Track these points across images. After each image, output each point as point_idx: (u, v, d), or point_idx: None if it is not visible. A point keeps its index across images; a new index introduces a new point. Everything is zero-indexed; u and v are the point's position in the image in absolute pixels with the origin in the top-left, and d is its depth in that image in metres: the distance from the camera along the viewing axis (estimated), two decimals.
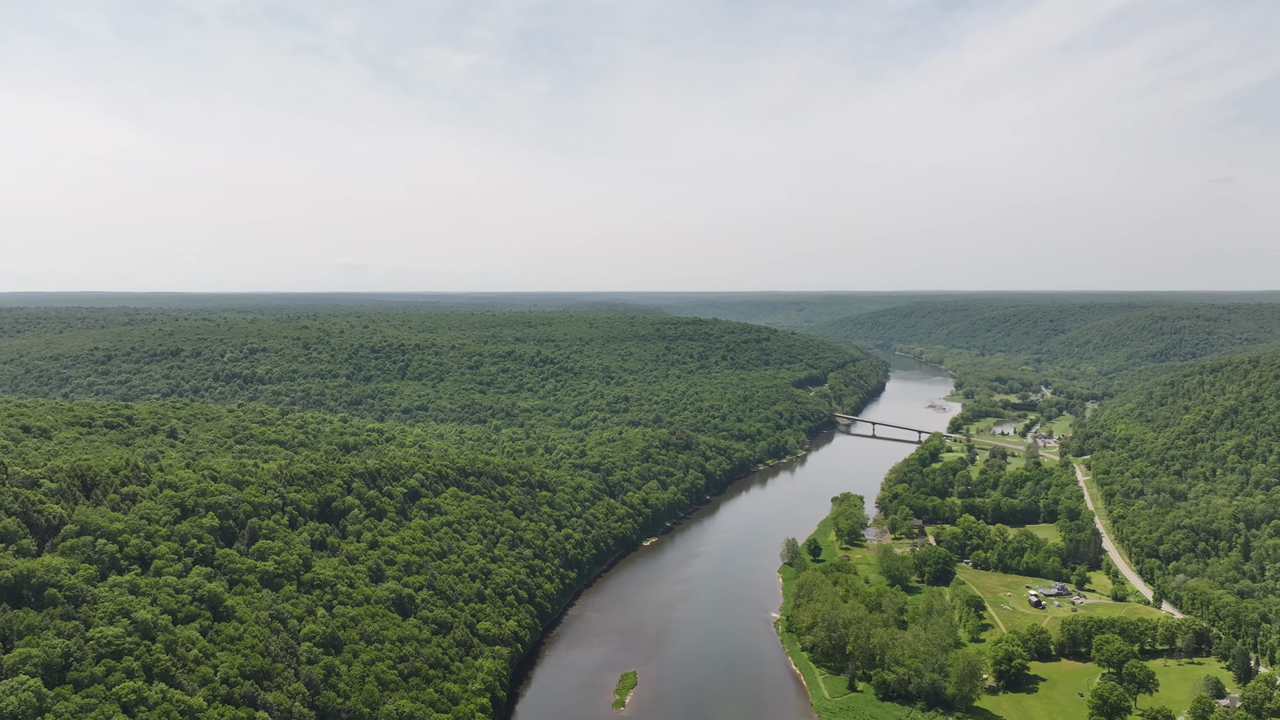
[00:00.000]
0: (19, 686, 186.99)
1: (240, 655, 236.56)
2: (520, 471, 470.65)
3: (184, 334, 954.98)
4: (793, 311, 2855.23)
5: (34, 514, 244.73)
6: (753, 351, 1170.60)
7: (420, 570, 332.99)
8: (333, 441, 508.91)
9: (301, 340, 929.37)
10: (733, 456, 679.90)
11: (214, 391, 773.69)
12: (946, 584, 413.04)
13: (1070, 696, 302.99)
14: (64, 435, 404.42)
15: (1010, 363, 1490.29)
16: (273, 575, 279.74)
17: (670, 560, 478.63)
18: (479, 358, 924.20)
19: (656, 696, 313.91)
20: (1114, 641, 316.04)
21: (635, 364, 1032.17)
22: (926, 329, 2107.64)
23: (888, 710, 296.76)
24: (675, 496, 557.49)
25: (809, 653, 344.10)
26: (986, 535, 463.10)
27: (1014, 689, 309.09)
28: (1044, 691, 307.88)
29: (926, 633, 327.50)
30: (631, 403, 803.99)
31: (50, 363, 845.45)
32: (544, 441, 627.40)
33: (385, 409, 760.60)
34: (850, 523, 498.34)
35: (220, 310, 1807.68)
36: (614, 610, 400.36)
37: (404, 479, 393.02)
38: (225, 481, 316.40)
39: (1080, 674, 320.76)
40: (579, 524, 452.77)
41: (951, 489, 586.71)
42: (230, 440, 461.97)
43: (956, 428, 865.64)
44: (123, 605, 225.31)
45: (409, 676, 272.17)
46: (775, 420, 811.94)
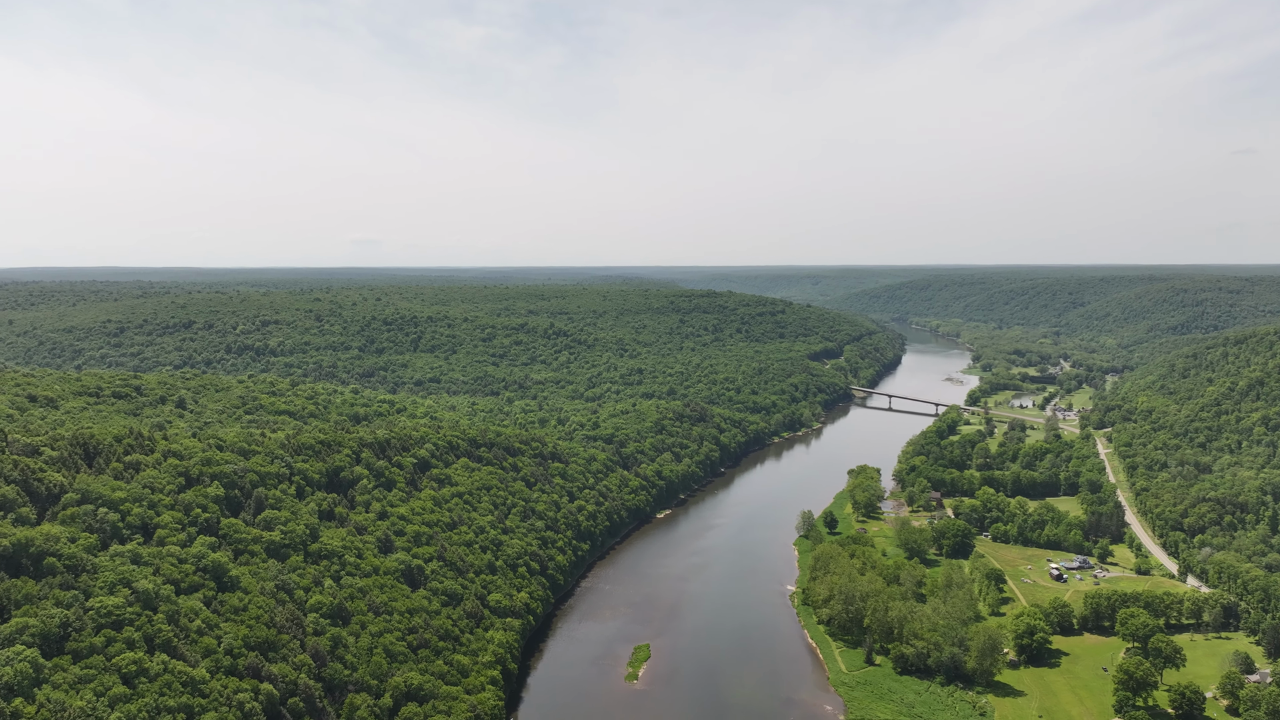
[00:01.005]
0: (15, 657, 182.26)
1: (245, 626, 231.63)
2: (532, 443, 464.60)
3: (196, 306, 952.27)
4: (808, 285, 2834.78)
5: (34, 482, 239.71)
6: (768, 324, 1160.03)
7: (430, 541, 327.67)
8: (343, 412, 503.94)
9: (314, 313, 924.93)
10: (747, 429, 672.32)
11: (226, 364, 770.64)
12: (965, 557, 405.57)
13: (1094, 671, 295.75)
14: (71, 405, 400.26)
15: (1028, 336, 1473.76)
16: (279, 545, 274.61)
17: (684, 532, 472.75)
18: (492, 330, 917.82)
19: (670, 669, 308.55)
20: (1139, 615, 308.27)
21: (649, 336, 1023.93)
22: (943, 303, 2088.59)
23: (906, 684, 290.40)
24: (689, 469, 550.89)
25: (825, 626, 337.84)
26: (1006, 508, 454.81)
27: (1035, 663, 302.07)
28: (1066, 666, 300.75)
29: (946, 606, 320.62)
30: (645, 375, 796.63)
31: (63, 335, 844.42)
32: (557, 413, 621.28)
33: (398, 381, 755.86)
34: (867, 495, 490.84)
35: (234, 285, 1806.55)
36: (627, 582, 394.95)
37: (414, 449, 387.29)
38: (231, 451, 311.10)
39: (1104, 648, 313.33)
40: (592, 496, 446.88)
41: (970, 461, 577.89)
42: (239, 411, 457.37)
43: (974, 400, 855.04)
44: (124, 575, 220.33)
45: (418, 648, 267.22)
46: (790, 393, 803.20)
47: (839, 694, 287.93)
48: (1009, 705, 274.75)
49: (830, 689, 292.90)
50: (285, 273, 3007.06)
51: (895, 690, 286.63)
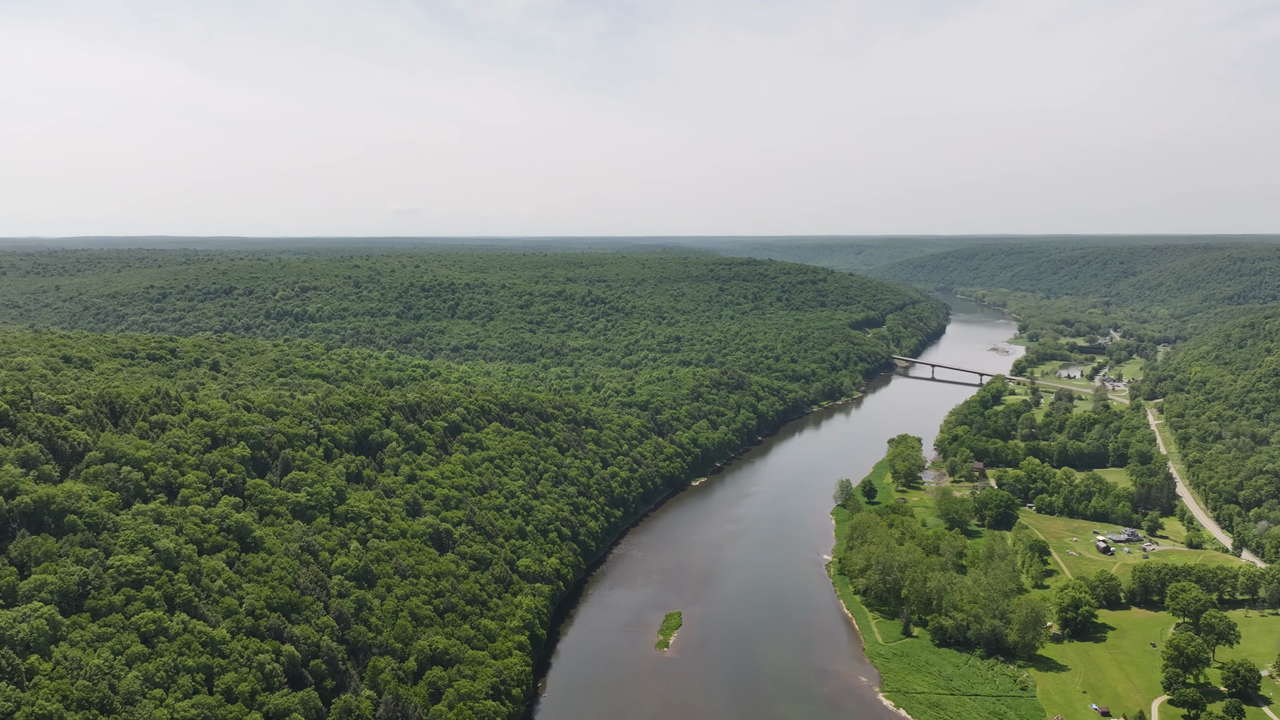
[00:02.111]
0: (31, 614, 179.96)
1: (267, 587, 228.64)
2: (566, 408, 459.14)
3: (237, 272, 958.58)
4: (851, 255, 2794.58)
5: (58, 440, 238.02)
6: (808, 292, 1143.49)
7: (459, 505, 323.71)
8: (377, 377, 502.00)
9: (353, 279, 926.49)
10: (786, 397, 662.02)
11: (265, 329, 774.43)
12: (1008, 528, 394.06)
13: (1141, 646, 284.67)
14: (105, 366, 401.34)
15: (1077, 306, 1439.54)
16: (305, 507, 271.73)
17: (719, 500, 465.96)
18: (529, 297, 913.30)
19: (701, 638, 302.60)
20: (1190, 590, 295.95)
21: (688, 304, 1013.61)
22: (989, 272, 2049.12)
23: (944, 657, 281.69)
24: (726, 436, 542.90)
25: (862, 596, 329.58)
26: (1052, 479, 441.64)
27: (1080, 637, 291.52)
28: (1113, 641, 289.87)
29: (987, 577, 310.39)
30: (683, 343, 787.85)
31: (107, 300, 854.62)
32: (592, 380, 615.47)
33: (434, 347, 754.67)
34: (907, 465, 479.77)
35: (276, 253, 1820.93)
36: (660, 550, 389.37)
37: (445, 413, 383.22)
38: (259, 412, 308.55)
39: (1152, 623, 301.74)
40: (625, 462, 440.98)
41: (1014, 432, 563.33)
42: (273, 374, 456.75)
43: (1020, 370, 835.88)
44: (145, 534, 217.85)
45: (444, 612, 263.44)
46: (830, 361, 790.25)
47: (875, 665, 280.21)
48: (1051, 679, 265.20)
49: (866, 660, 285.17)
50: (328, 242, 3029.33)
51: (933, 662, 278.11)
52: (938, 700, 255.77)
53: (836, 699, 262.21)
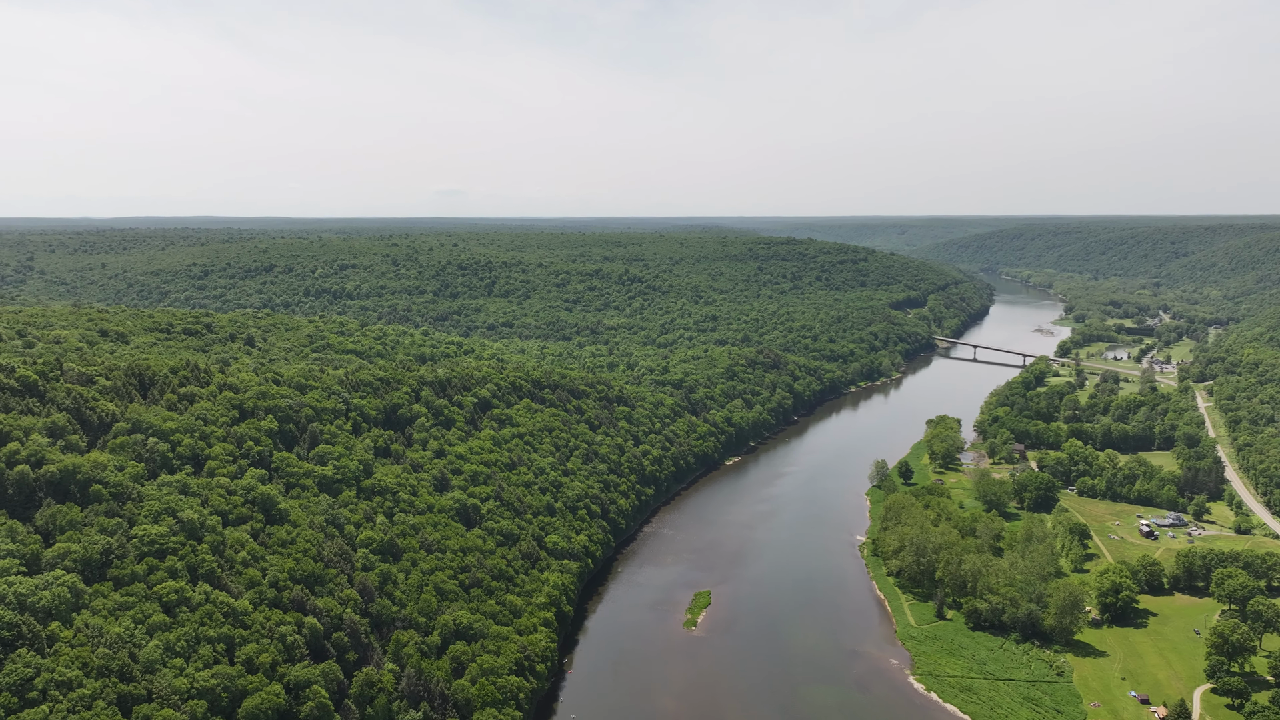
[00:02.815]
0: (54, 581, 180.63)
1: (291, 559, 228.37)
2: (598, 385, 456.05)
3: (278, 251, 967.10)
4: (894, 235, 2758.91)
5: (86, 410, 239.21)
6: (849, 272, 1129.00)
7: (488, 481, 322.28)
8: (410, 353, 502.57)
9: (391, 257, 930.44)
10: (823, 377, 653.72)
11: (304, 306, 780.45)
12: (1048, 511, 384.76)
13: (1184, 633, 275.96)
14: (141, 340, 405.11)
15: (1126, 287, 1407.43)
16: (331, 480, 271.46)
17: (753, 480, 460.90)
18: (566, 276, 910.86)
19: (730, 617, 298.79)
20: (1237, 576, 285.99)
21: (725, 284, 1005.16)
22: (1035, 252, 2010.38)
23: (978, 640, 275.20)
24: (760, 416, 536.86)
25: (895, 578, 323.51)
26: (1094, 461, 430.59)
27: (1120, 623, 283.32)
28: (1154, 627, 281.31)
29: (1024, 560, 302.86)
30: (720, 322, 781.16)
31: (151, 278, 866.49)
32: (626, 358, 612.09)
33: (470, 325, 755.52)
34: (945, 446, 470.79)
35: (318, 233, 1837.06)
36: (691, 528, 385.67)
37: (475, 389, 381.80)
38: (288, 385, 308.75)
39: (1196, 610, 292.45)
40: (658, 440, 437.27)
41: (1057, 413, 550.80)
42: (307, 350, 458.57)
43: (1065, 352, 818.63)
44: (169, 504, 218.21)
45: (470, 587, 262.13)
46: (870, 341, 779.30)
47: (906, 648, 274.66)
48: (1089, 665, 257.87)
49: (898, 642, 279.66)
50: (371, 222, 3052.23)
51: (966, 646, 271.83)
52: (970, 684, 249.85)
53: (866, 681, 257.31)
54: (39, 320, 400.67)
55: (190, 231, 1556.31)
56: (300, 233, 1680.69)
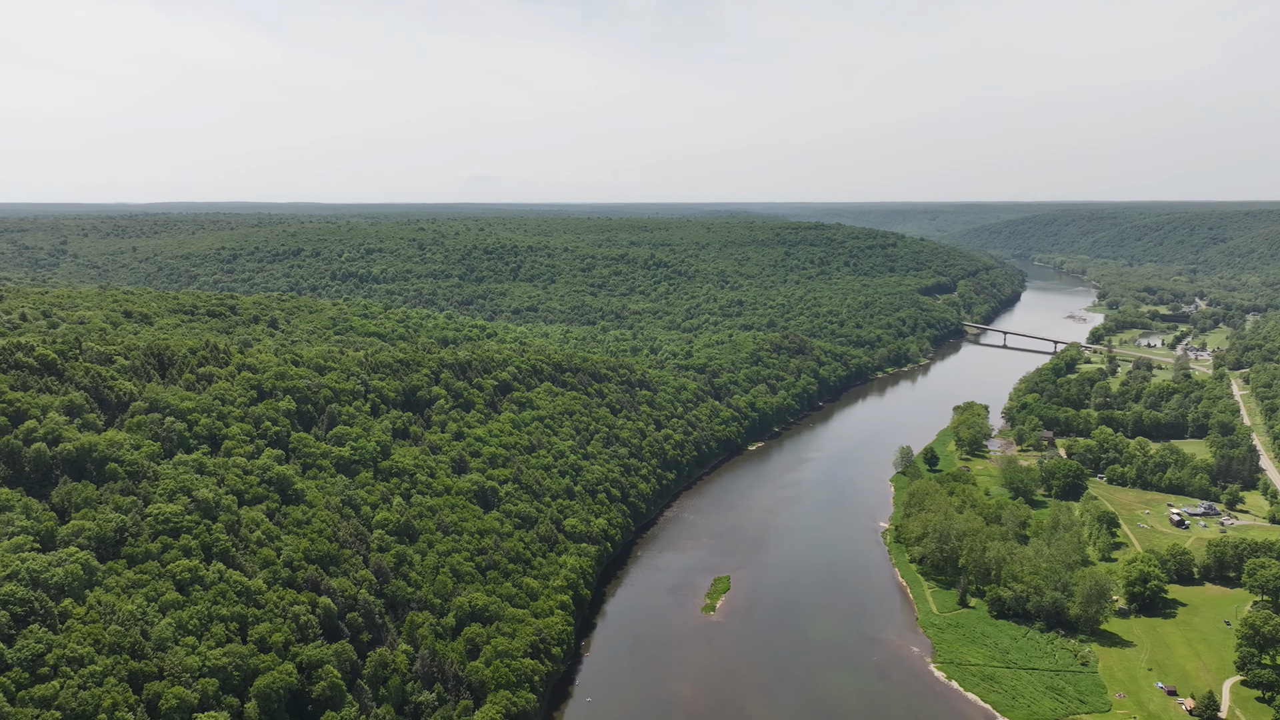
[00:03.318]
0: (67, 558, 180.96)
1: (306, 539, 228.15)
2: (620, 369, 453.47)
3: (306, 235, 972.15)
4: (924, 221, 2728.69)
5: (104, 389, 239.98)
6: (877, 258, 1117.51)
7: (506, 463, 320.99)
8: (433, 336, 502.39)
9: (417, 241, 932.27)
10: (849, 363, 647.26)
11: (330, 290, 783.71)
12: (1076, 499, 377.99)
13: (1214, 624, 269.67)
14: (165, 322, 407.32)
15: (1162, 273, 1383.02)
16: (349, 461, 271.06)
17: (776, 465, 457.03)
18: (591, 260, 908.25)
19: (749, 602, 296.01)
20: (1271, 566, 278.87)
21: (752, 269, 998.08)
22: (1069, 238, 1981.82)
23: (1001, 628, 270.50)
24: (785, 401, 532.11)
25: (918, 565, 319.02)
26: (1125, 449, 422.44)
27: (1148, 612, 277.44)
28: (1183, 617, 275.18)
29: (1050, 548, 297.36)
30: (745, 307, 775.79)
31: (180, 261, 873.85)
32: (650, 343, 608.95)
33: (495, 309, 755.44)
34: (972, 432, 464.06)
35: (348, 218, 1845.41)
36: (712, 513, 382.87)
37: (496, 372, 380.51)
38: (307, 366, 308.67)
39: (1227, 600, 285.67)
40: (680, 425, 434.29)
41: (1088, 400, 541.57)
42: (329, 332, 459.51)
43: (1097, 338, 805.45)
44: (184, 483, 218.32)
45: (486, 570, 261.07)
46: (897, 327, 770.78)
47: (927, 635, 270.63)
48: (1115, 656, 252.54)
49: (919, 630, 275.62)
50: (401, 208, 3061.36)
51: (989, 634, 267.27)
52: (992, 673, 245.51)
53: (886, 668, 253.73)
54: (64, 301, 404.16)
55: (220, 216, 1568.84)
56: (329, 218, 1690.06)
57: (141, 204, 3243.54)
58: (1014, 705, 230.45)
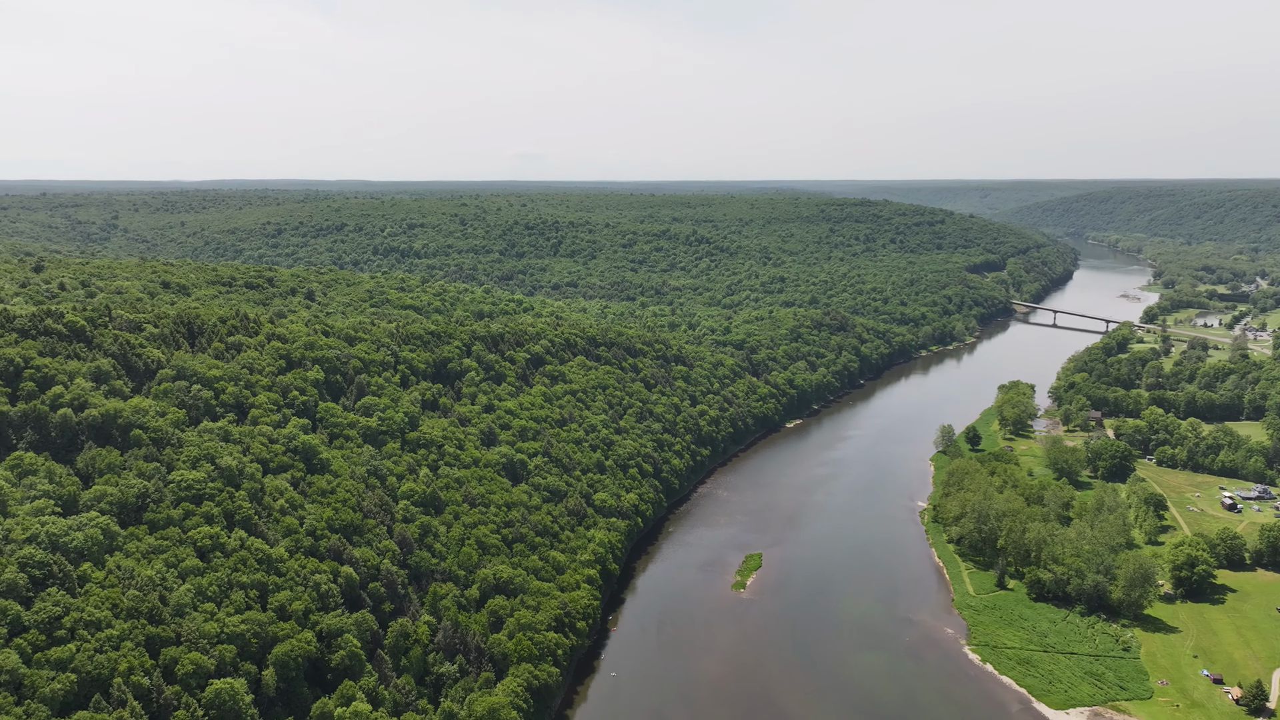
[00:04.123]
0: (88, 523, 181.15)
1: (330, 508, 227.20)
2: (655, 344, 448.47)
3: (349, 210, 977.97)
4: (976, 198, 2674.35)
5: (132, 357, 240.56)
6: (924, 234, 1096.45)
7: (537, 437, 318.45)
8: (469, 310, 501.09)
9: (459, 217, 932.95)
10: (892, 340, 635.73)
11: (372, 264, 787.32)
12: (1123, 480, 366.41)
13: (1265, 611, 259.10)
14: (202, 293, 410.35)
15: (1221, 252, 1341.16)
16: (376, 432, 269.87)
17: (813, 443, 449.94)
18: (633, 236, 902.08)
19: (780, 580, 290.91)
20: None
21: (796, 245, 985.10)
22: (1125, 216, 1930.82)
23: (1040, 611, 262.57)
24: (824, 378, 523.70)
25: (955, 545, 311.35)
26: (1176, 430, 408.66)
27: (1195, 598, 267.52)
28: (1232, 603, 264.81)
29: (1093, 530, 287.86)
30: (787, 283, 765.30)
31: (227, 235, 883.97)
32: (688, 318, 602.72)
33: (535, 284, 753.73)
34: (1017, 411, 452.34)
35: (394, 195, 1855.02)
36: (747, 490, 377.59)
37: (528, 345, 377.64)
38: (337, 337, 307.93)
39: (1279, 587, 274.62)
40: (716, 401, 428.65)
41: (1139, 380, 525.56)
42: (365, 305, 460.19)
43: (1151, 318, 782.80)
44: (208, 451, 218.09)
45: (513, 542, 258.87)
46: (943, 305, 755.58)
47: (963, 617, 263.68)
48: (1158, 641, 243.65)
49: (954, 611, 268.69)
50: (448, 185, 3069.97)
51: (1027, 617, 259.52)
52: (1029, 657, 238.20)
53: (918, 650, 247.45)
54: (103, 272, 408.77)
55: (269, 193, 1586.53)
56: (375, 195, 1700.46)
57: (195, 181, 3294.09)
58: (1050, 690, 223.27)
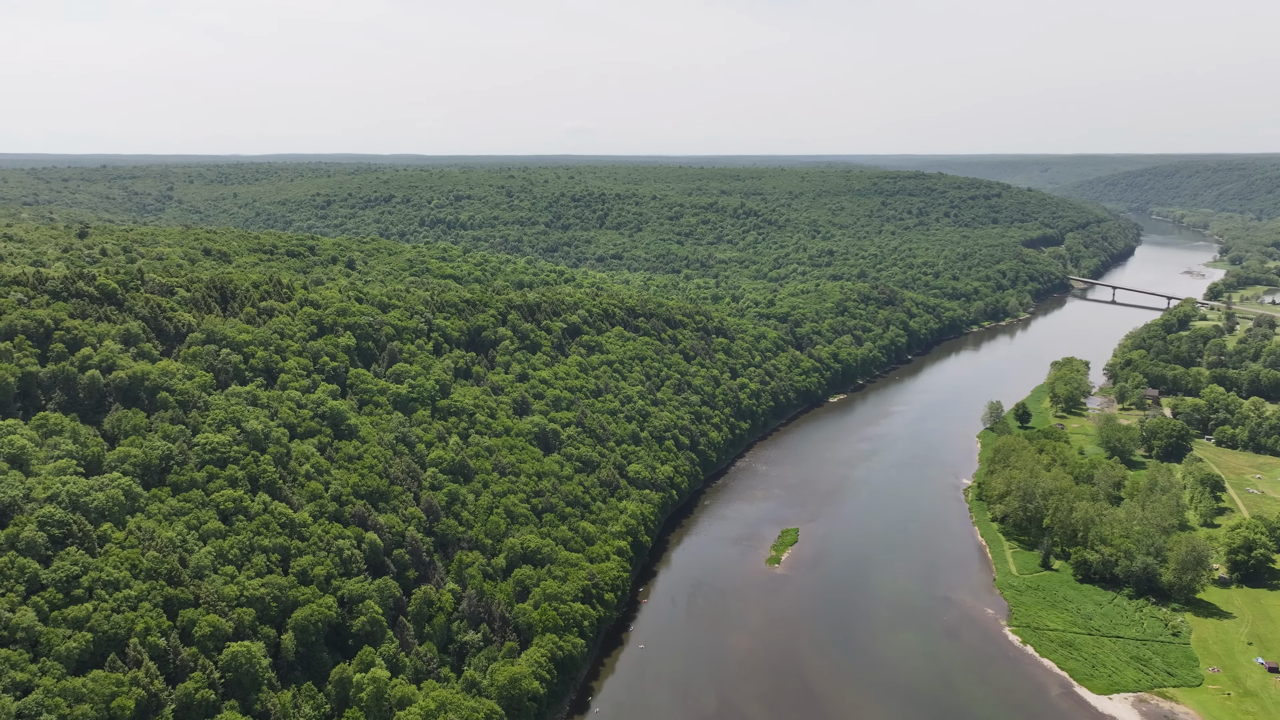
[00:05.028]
0: (109, 483, 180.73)
1: (356, 474, 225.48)
2: (696, 316, 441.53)
3: (397, 182, 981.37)
4: (1035, 173, 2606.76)
5: (163, 320, 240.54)
6: (980, 208, 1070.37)
7: (571, 406, 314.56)
8: (510, 280, 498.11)
9: (505, 189, 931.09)
10: (942, 315, 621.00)
11: (418, 235, 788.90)
12: (1179, 461, 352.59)
13: None
14: (243, 260, 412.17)
15: None
16: (406, 399, 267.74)
17: (857, 418, 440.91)
18: (680, 209, 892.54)
19: (816, 556, 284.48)
20: None
21: (846, 219, 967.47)
22: (1191, 191, 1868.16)
23: (1086, 593, 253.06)
24: (871, 353, 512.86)
25: (999, 523, 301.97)
26: (1237, 409, 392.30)
27: (1251, 583, 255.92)
28: None
29: (1144, 511, 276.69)
30: (836, 257, 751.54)
31: (277, 206, 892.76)
32: (732, 291, 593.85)
33: (580, 257, 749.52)
34: (1069, 389, 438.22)
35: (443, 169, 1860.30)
36: (786, 464, 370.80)
37: (565, 315, 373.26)
38: (370, 304, 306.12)
39: None
40: (757, 374, 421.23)
41: (1199, 358, 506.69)
42: (405, 274, 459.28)
43: (1216, 295, 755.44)
44: (234, 414, 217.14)
45: (542, 512, 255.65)
46: (996, 280, 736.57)
47: (1005, 597, 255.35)
48: (1210, 627, 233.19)
49: (995, 591, 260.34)
50: (499, 159, 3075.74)
51: (1071, 599, 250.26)
52: (1071, 639, 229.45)
53: (956, 629, 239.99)
54: (146, 239, 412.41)
55: (321, 166, 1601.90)
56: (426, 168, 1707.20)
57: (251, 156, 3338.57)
58: (1093, 674, 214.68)
